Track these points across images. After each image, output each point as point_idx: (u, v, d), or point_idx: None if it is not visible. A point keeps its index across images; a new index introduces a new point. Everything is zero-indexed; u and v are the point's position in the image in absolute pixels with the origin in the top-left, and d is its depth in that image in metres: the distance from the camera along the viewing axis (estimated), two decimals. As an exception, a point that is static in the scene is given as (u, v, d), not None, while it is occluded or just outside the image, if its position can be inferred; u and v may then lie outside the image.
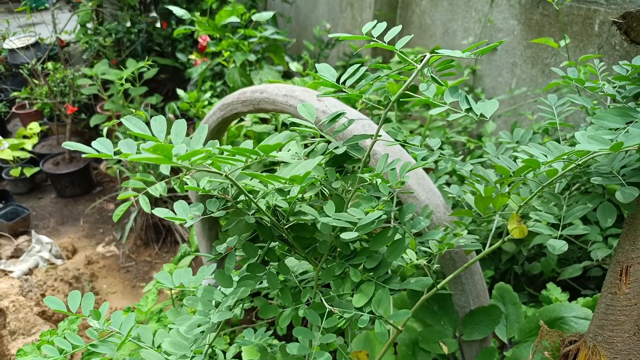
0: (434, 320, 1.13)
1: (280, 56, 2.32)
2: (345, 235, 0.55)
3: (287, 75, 2.98)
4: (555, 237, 0.73)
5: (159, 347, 0.82)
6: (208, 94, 2.66)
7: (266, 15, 2.22)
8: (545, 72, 2.30)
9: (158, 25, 3.81)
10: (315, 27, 3.29)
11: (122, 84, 2.18)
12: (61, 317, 2.46)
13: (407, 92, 0.65)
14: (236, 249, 0.79)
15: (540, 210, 0.77)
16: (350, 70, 0.72)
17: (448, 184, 1.24)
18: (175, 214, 0.69)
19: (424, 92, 0.63)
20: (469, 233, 0.86)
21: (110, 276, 2.81)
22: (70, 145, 0.49)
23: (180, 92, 2.58)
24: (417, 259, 0.82)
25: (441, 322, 1.13)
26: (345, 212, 0.62)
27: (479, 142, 1.72)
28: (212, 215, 0.68)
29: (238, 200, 0.71)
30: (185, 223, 0.68)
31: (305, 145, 0.80)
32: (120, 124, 3.37)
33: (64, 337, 0.73)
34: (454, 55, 0.65)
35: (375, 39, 0.67)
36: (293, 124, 0.80)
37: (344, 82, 0.71)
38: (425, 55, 0.65)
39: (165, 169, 0.50)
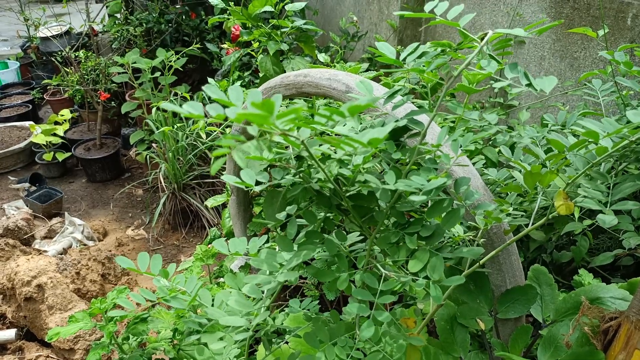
0: (470, 298, 1.16)
1: (311, 46, 2.36)
2: (413, 198, 0.59)
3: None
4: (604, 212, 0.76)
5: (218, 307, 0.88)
6: (237, 84, 2.71)
7: (299, 5, 2.26)
8: (574, 66, 2.30)
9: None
10: (340, 19, 3.32)
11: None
12: (94, 295, 2.55)
13: (469, 68, 0.68)
14: (292, 217, 0.83)
15: (589, 187, 0.80)
16: (409, 48, 0.76)
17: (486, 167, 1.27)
18: (243, 180, 0.74)
19: (486, 68, 0.67)
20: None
21: (139, 259, 2.89)
22: (167, 106, 0.54)
23: (211, 81, 2.64)
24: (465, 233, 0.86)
25: (477, 301, 1.16)
26: (407, 180, 0.66)
27: (510, 132, 1.75)
28: (279, 182, 0.73)
29: (300, 170, 0.76)
30: (252, 188, 0.72)
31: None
32: (149, 111, 3.44)
33: (117, 300, 0.79)
34: (515, 33, 0.68)
35: (438, 17, 0.71)
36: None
37: (404, 60, 0.75)
38: (487, 33, 0.68)
39: (252, 130, 0.54)
